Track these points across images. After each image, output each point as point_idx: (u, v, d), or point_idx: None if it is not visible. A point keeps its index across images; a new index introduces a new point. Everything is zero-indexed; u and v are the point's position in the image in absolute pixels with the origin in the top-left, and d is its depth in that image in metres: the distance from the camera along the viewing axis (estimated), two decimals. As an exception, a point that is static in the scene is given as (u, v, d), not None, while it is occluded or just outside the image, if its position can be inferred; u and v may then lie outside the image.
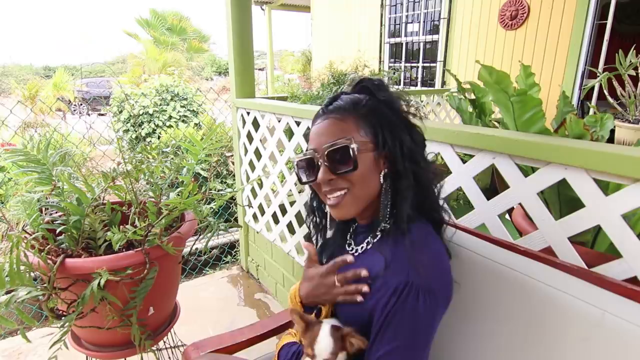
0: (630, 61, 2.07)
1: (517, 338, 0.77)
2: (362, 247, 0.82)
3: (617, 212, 0.77)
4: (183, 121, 4.50)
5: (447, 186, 1.09)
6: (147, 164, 1.33)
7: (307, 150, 0.80)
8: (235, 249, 2.97)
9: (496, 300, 0.81)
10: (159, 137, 4.24)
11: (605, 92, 2.26)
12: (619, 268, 0.79)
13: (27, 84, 10.82)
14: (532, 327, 0.74)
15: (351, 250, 0.85)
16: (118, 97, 4.47)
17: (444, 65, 4.76)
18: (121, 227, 1.21)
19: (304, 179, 0.81)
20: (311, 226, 0.95)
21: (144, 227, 1.21)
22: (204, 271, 2.78)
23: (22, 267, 1.03)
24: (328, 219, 0.95)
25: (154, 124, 4.31)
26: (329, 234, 0.96)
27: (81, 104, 13.59)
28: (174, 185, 1.47)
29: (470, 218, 1.05)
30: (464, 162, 1.05)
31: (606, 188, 0.85)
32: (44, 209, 1.28)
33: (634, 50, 2.11)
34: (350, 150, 0.72)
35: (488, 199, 1.01)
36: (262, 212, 2.18)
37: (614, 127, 2.14)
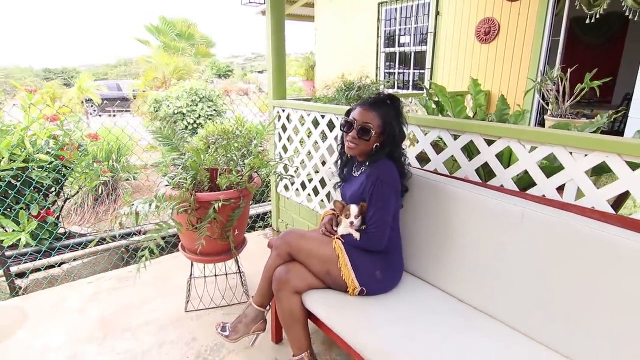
0: (555, 73, 2.91)
1: (439, 217, 1.58)
2: (358, 173, 1.63)
3: (493, 153, 1.59)
4: (210, 120, 5.32)
5: (417, 149, 1.92)
6: (234, 140, 2.14)
7: (351, 117, 1.58)
8: (267, 216, 3.78)
9: (430, 197, 1.61)
10: (193, 133, 5.05)
11: (539, 95, 3.10)
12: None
13: (45, 87, 11.61)
14: (446, 209, 1.56)
15: (353, 173, 1.66)
16: (154, 99, 5.29)
17: (431, 72, 5.60)
18: (224, 175, 2.02)
19: (344, 129, 1.60)
20: (339, 161, 1.76)
21: (237, 177, 2.02)
22: (242, 233, 3.58)
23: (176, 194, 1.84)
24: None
25: (186, 122, 5.13)
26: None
27: (92, 106, 14.41)
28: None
29: (429, 165, 1.88)
30: (425, 135, 1.87)
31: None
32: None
33: (559, 65, 2.95)
34: (371, 132, 1.52)
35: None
36: (292, 183, 2.99)
37: (544, 119, 2.99)
